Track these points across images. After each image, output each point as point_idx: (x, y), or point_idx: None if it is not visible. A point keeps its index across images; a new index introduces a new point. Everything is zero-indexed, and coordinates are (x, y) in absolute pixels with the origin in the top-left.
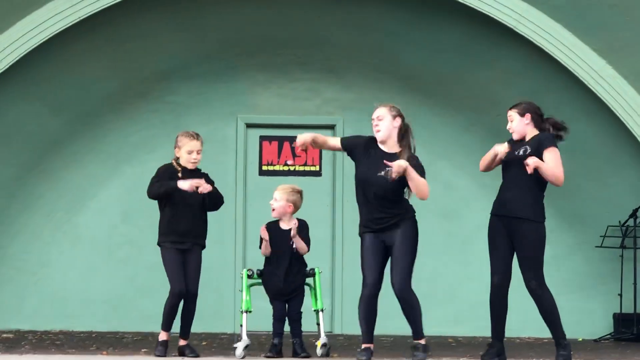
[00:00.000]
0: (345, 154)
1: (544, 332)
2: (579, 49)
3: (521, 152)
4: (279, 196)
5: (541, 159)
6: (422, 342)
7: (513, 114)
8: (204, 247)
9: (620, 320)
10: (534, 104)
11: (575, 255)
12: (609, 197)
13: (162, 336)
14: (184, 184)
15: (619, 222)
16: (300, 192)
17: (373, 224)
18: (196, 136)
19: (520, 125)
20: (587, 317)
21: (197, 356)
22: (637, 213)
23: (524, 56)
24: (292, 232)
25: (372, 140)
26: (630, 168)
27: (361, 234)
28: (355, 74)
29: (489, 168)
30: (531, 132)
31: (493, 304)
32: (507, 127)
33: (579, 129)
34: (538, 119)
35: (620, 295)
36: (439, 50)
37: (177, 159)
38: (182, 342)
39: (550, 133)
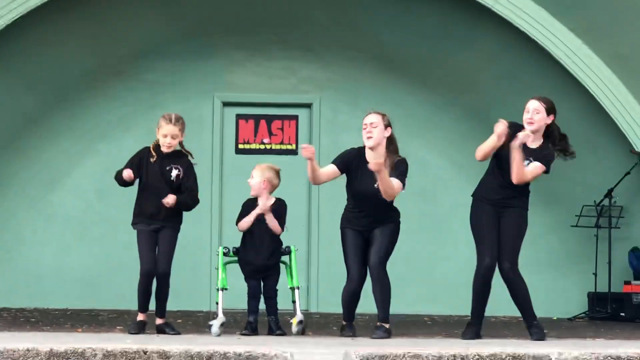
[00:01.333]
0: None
1: (518, 312)
2: (556, 29)
3: (526, 164)
4: (255, 174)
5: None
6: (387, 325)
7: (540, 107)
8: (178, 229)
9: (595, 299)
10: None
11: (550, 235)
12: (585, 177)
13: (139, 317)
14: (125, 174)
15: (594, 202)
16: (277, 171)
17: (359, 226)
18: (173, 120)
19: (542, 122)
20: (561, 296)
21: (178, 333)
22: (612, 193)
23: (501, 36)
24: (263, 208)
25: (359, 151)
26: (605, 148)
27: (342, 228)
28: (332, 53)
29: (487, 156)
30: (540, 135)
31: (480, 285)
32: (528, 118)
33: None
34: (555, 128)
35: (595, 274)
36: (417, 30)
37: (158, 141)
38: (158, 321)
39: (553, 152)
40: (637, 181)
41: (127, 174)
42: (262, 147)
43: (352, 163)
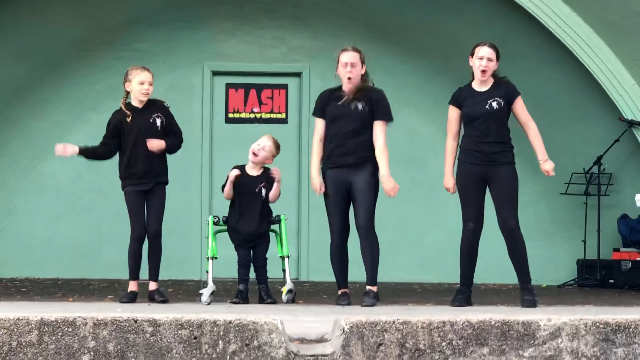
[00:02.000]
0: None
1: (508, 279)
2: None
3: (495, 106)
4: (268, 147)
5: (510, 107)
6: (374, 289)
7: (493, 55)
8: (166, 183)
9: (584, 266)
10: None
11: (539, 203)
12: (574, 144)
13: (131, 286)
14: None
15: (584, 169)
16: (279, 150)
17: (340, 162)
18: (147, 69)
19: (493, 70)
20: (551, 263)
21: (167, 301)
22: (602, 160)
23: (489, 4)
24: (277, 177)
25: (330, 91)
26: (595, 115)
27: (323, 170)
28: (322, 22)
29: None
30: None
31: (466, 250)
32: (481, 66)
33: (545, 77)
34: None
35: (584, 241)
36: None
37: (127, 96)
38: (152, 286)
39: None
40: (626, 148)
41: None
42: (252, 116)
43: (326, 106)
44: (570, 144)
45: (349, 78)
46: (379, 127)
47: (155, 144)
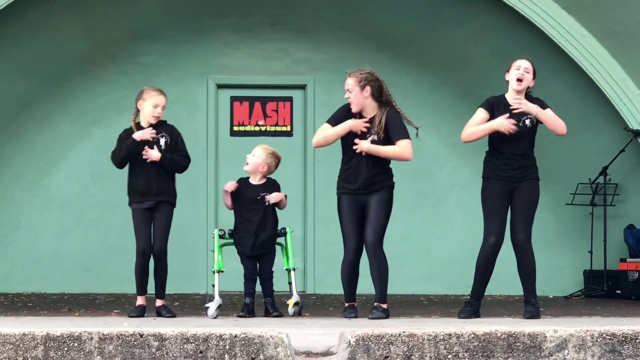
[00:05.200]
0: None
1: (514, 290)
2: (549, 6)
3: (527, 123)
4: (257, 153)
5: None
6: (384, 306)
7: (530, 68)
8: (172, 204)
9: (591, 277)
10: None
11: (546, 213)
12: (580, 154)
13: (139, 301)
14: (138, 135)
15: (589, 179)
16: (279, 159)
17: (355, 188)
18: (163, 92)
19: (529, 82)
20: (557, 274)
21: (174, 316)
22: (607, 171)
23: (493, 14)
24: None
25: (348, 107)
26: (600, 126)
27: (339, 194)
28: (325, 34)
29: (473, 140)
30: (522, 95)
31: (483, 264)
32: (518, 74)
33: (550, 87)
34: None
35: (591, 252)
36: (410, 9)
37: (137, 115)
38: (158, 303)
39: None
40: (631, 158)
41: (146, 132)
42: (257, 129)
43: (346, 117)
44: (575, 155)
45: (350, 103)
46: (401, 144)
47: (151, 153)
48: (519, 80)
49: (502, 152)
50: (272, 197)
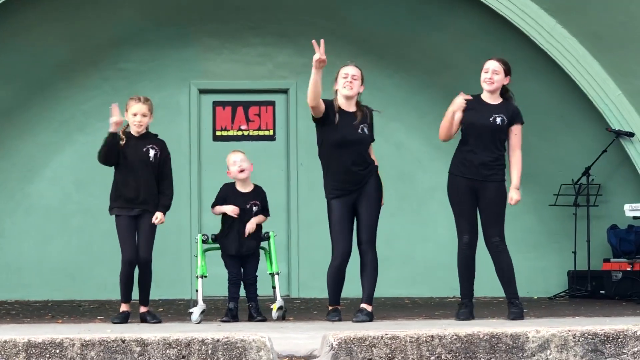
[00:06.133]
0: (314, 114)
1: (498, 292)
2: (530, 9)
3: (498, 121)
4: (243, 158)
5: (509, 128)
6: (369, 308)
7: (499, 69)
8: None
9: (575, 277)
10: None
11: (529, 214)
12: (562, 155)
13: (122, 307)
14: (111, 126)
15: (572, 180)
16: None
17: (345, 190)
18: (143, 100)
19: (501, 83)
20: (541, 275)
21: (160, 322)
22: (590, 171)
23: (475, 17)
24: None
25: (331, 103)
26: (582, 127)
27: (329, 200)
28: (307, 38)
29: (449, 135)
30: (497, 95)
31: (464, 263)
32: (486, 79)
33: (531, 89)
34: (510, 89)
35: (575, 252)
36: (392, 12)
37: (127, 127)
38: (142, 309)
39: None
40: (613, 159)
41: (114, 118)
42: (240, 133)
43: (329, 109)
44: (558, 155)
45: (350, 88)
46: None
47: (159, 220)
48: (489, 81)
49: (465, 145)
50: (253, 224)
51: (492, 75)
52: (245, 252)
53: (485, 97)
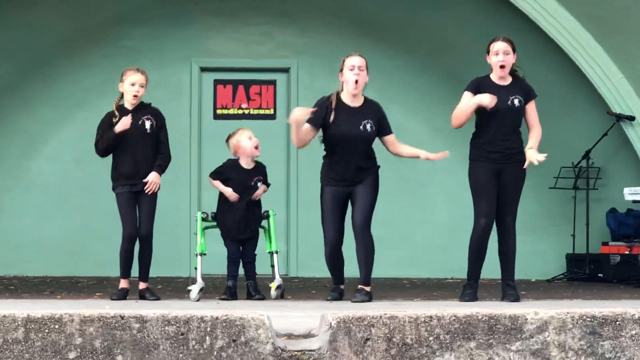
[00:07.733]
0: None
1: (497, 274)
2: None
3: (516, 103)
4: (251, 136)
5: (525, 106)
6: (368, 289)
7: (509, 48)
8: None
9: (573, 260)
10: None
11: (528, 197)
12: (562, 138)
13: (122, 284)
14: (119, 128)
15: (572, 163)
16: None
17: (341, 180)
18: (141, 70)
19: (511, 62)
20: (540, 258)
21: (158, 299)
22: (590, 154)
23: None
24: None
25: (327, 100)
26: (583, 110)
27: (323, 185)
28: (309, 18)
29: (463, 124)
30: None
31: (477, 244)
32: (499, 62)
33: (533, 71)
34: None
35: (573, 235)
36: None
37: (120, 99)
38: (141, 286)
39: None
40: (614, 142)
41: (124, 122)
42: (241, 112)
43: (325, 112)
44: (558, 138)
45: (356, 81)
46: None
47: (151, 180)
48: (502, 66)
49: (486, 131)
50: (260, 193)
51: (504, 57)
52: (249, 235)
53: (495, 78)
